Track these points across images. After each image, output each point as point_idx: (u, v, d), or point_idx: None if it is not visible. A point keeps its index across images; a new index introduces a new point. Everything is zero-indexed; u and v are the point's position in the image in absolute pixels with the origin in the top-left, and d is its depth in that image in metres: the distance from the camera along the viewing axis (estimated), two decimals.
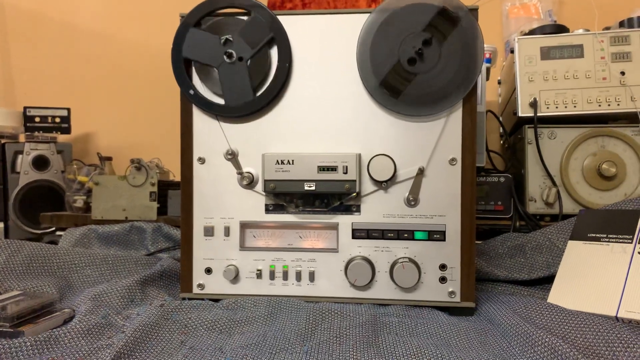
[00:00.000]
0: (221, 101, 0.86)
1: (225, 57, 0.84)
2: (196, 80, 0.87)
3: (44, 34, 1.98)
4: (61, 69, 1.97)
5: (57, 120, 1.65)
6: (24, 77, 1.99)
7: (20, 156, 1.59)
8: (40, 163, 1.59)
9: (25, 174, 1.58)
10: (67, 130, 1.66)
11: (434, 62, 0.81)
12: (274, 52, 0.86)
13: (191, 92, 0.86)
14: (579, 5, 1.61)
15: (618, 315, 0.74)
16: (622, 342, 0.62)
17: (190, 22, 0.85)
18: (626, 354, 0.60)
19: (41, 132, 1.64)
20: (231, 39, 0.84)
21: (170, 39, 0.86)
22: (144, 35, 1.92)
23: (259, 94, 0.85)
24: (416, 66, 0.81)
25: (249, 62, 0.84)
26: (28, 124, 1.63)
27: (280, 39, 0.85)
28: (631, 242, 0.82)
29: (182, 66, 0.86)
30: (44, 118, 1.64)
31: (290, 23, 0.85)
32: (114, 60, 1.95)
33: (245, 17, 0.86)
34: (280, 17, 0.85)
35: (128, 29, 1.94)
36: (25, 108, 1.63)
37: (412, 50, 0.81)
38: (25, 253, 0.95)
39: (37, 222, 1.43)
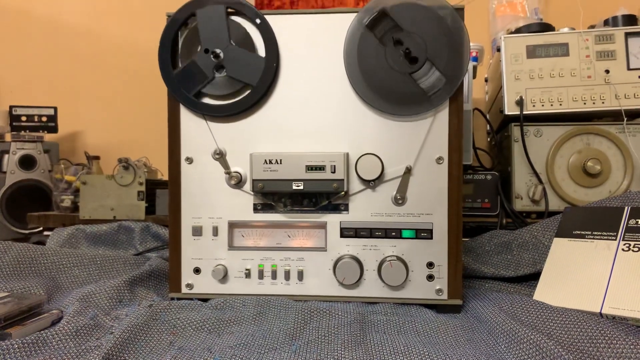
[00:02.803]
0: (209, 101, 0.86)
1: (214, 59, 0.84)
2: None
3: (30, 32, 1.96)
4: (48, 67, 1.95)
5: (44, 119, 1.64)
6: (10, 76, 1.97)
7: (6, 156, 1.58)
8: (27, 162, 1.58)
9: (12, 173, 1.57)
10: (54, 129, 1.65)
11: (420, 63, 0.81)
12: (249, 27, 0.85)
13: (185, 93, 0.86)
14: (565, 3, 1.62)
15: (602, 312, 0.75)
16: (606, 338, 0.63)
17: (179, 19, 0.85)
18: (609, 349, 0.61)
19: (28, 131, 1.62)
20: (233, 44, 0.84)
21: (158, 37, 0.85)
22: (131, 33, 1.91)
23: (245, 94, 0.85)
24: (400, 65, 0.81)
25: (232, 42, 0.85)
26: (14, 123, 1.61)
27: (268, 38, 0.85)
28: (615, 239, 0.84)
29: (169, 67, 0.86)
30: (30, 117, 1.63)
31: (278, 22, 0.85)
32: (101, 58, 1.93)
33: (235, 18, 0.85)
34: (267, 17, 0.85)
35: (115, 27, 1.93)
36: (11, 107, 1.62)
37: (400, 49, 0.81)
38: (13, 254, 0.94)
39: (24, 222, 1.42)
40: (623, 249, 0.81)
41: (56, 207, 1.38)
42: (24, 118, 1.62)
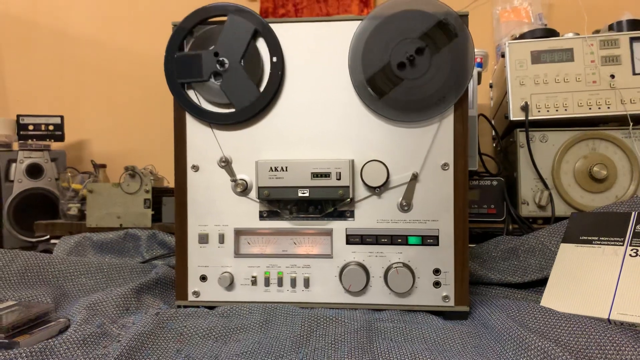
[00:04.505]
0: (214, 109, 0.86)
1: (218, 66, 0.85)
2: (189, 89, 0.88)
3: (36, 42, 1.98)
4: (54, 76, 1.97)
5: (51, 128, 1.65)
6: (17, 85, 1.99)
7: (13, 164, 1.58)
8: (34, 171, 1.59)
9: (19, 182, 1.57)
10: (60, 138, 1.66)
11: (424, 69, 0.81)
12: (264, 53, 0.86)
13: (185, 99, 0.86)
14: (569, 8, 1.63)
15: (610, 318, 0.75)
16: (614, 344, 0.63)
17: (186, 28, 0.86)
18: (617, 356, 0.61)
19: (35, 140, 1.63)
20: (218, 48, 0.85)
21: (163, 46, 0.86)
22: (137, 41, 1.93)
23: (249, 103, 0.86)
24: (405, 71, 0.82)
25: (242, 62, 0.85)
26: (21, 132, 1.62)
27: (273, 46, 0.85)
28: (622, 245, 0.83)
29: (174, 75, 0.86)
30: (37, 126, 1.64)
31: (283, 31, 0.85)
32: (106, 66, 1.95)
33: None
34: (272, 25, 0.85)
35: (121, 36, 1.94)
36: (18, 116, 1.63)
37: (404, 56, 0.81)
38: (20, 262, 0.95)
39: (31, 231, 1.42)
40: (631, 255, 0.81)
41: (63, 215, 1.38)
42: (31, 127, 1.63)
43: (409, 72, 0.82)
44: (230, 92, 0.85)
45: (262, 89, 0.86)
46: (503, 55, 1.21)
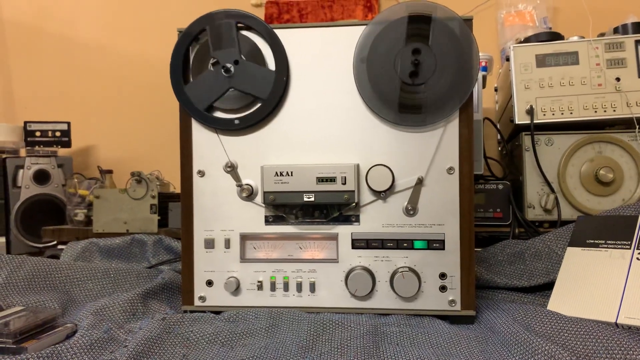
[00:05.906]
0: (220, 114, 0.87)
1: (222, 70, 0.85)
2: None
3: (43, 48, 1.99)
4: (61, 82, 1.98)
5: (58, 134, 1.66)
6: (24, 92, 2.00)
7: (21, 170, 1.59)
8: (41, 177, 1.60)
9: (27, 188, 1.58)
10: (67, 144, 1.67)
11: (429, 73, 0.81)
12: (271, 64, 0.86)
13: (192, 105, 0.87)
14: (573, 12, 1.62)
15: (618, 322, 0.74)
16: (622, 348, 0.63)
17: (191, 34, 0.86)
18: None
19: (42, 146, 1.64)
20: (243, 58, 0.85)
21: (168, 52, 0.87)
22: (143, 48, 1.94)
23: (256, 107, 0.86)
24: (410, 76, 0.82)
25: (243, 58, 0.85)
26: (29, 139, 1.63)
27: (278, 52, 0.85)
28: (629, 248, 0.83)
29: (181, 82, 0.87)
30: (44, 132, 1.65)
31: (288, 36, 0.86)
32: (113, 73, 1.96)
33: (245, 32, 0.86)
34: (277, 31, 0.86)
35: (126, 42, 1.95)
36: (25, 123, 1.64)
37: (409, 60, 0.81)
38: (27, 268, 0.95)
39: (38, 236, 1.43)
40: (638, 258, 0.81)
41: (70, 221, 1.39)
42: (38, 133, 1.64)
43: (408, 75, 0.82)
44: (248, 87, 0.85)
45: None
46: (508, 59, 1.21)
